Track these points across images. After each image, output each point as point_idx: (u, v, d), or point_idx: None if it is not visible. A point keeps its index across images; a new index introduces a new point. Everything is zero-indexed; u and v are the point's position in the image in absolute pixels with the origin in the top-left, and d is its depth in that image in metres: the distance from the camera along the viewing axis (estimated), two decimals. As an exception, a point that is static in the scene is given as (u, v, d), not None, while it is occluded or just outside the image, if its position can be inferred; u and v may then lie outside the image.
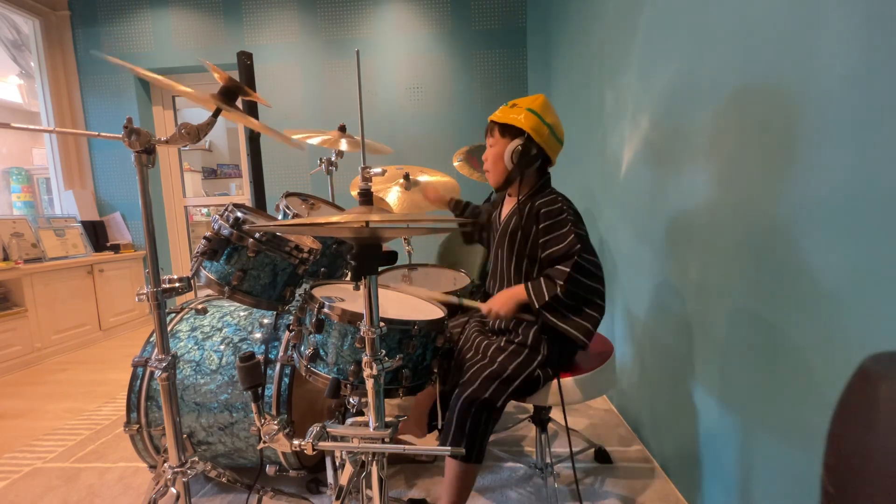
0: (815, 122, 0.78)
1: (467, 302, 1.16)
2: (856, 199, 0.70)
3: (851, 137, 0.71)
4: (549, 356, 1.10)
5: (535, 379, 1.08)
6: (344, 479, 0.88)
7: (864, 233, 0.69)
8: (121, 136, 0.89)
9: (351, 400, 1.20)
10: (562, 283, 1.04)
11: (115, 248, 3.45)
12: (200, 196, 4.34)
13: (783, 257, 0.87)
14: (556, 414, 1.61)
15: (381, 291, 1.23)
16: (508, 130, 1.13)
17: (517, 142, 1.11)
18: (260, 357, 1.10)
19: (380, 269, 0.86)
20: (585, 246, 1.07)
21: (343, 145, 1.73)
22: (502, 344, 1.13)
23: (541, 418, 1.27)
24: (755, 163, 0.94)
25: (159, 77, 0.95)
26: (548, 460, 1.28)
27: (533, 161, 1.13)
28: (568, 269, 1.04)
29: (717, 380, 1.12)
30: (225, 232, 1.07)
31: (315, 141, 1.72)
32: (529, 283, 1.09)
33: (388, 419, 0.84)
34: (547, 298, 1.05)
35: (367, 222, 0.71)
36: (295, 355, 1.03)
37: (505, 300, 1.10)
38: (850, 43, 0.70)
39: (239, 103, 1.04)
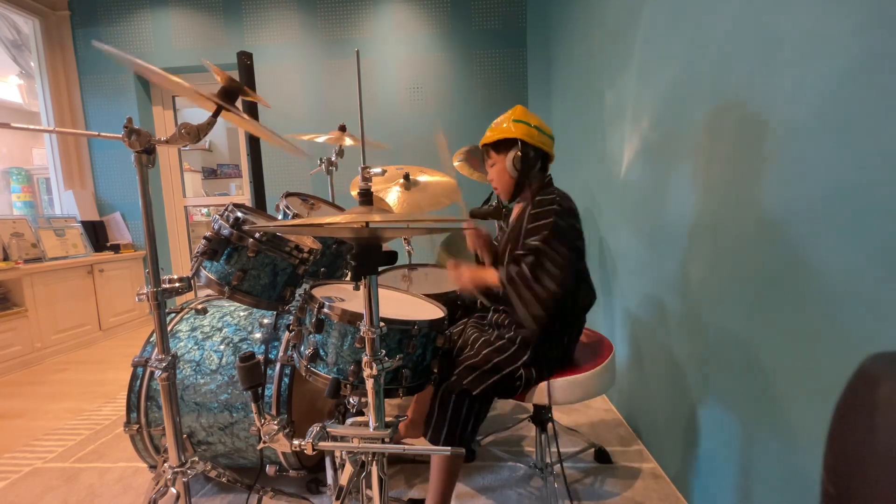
0: (815, 122, 0.78)
1: (476, 211, 1.19)
2: (856, 198, 0.70)
3: (851, 137, 0.71)
4: (537, 357, 1.11)
5: (518, 377, 1.09)
6: (344, 479, 0.88)
7: (864, 233, 0.69)
8: (121, 136, 0.89)
9: (351, 400, 1.20)
10: (520, 267, 1.05)
11: (115, 248, 3.44)
12: (200, 196, 4.34)
13: (783, 257, 0.87)
14: (556, 414, 1.61)
15: (381, 291, 1.23)
16: (502, 145, 1.17)
17: (514, 150, 1.14)
18: (260, 357, 1.10)
19: (380, 269, 0.86)
20: (560, 236, 1.04)
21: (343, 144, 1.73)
22: (492, 339, 1.15)
23: (541, 418, 1.27)
24: (755, 162, 0.94)
25: (162, 72, 0.93)
26: (548, 460, 1.28)
27: (534, 163, 1.16)
28: (520, 253, 1.06)
29: (717, 380, 1.12)
30: (225, 232, 1.07)
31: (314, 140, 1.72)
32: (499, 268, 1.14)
33: (388, 419, 0.84)
34: (495, 282, 1.08)
35: (367, 223, 0.71)
36: (295, 355, 1.03)
37: (473, 276, 1.14)
38: (848, 43, 0.70)
39: (239, 103, 1.04)
